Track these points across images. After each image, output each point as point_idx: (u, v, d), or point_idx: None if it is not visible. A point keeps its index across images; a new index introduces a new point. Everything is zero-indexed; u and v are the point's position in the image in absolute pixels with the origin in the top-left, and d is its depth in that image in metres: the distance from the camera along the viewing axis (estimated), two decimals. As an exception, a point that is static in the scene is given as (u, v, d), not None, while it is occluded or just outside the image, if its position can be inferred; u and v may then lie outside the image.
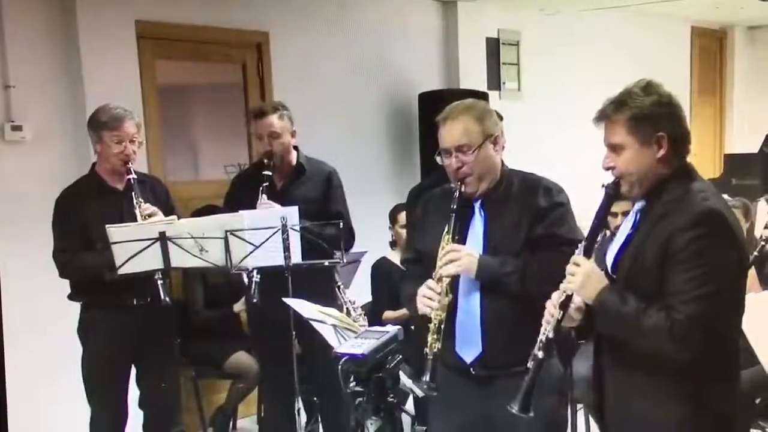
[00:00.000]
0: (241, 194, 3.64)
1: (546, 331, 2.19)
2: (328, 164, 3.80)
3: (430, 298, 2.49)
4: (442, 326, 2.47)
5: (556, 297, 2.18)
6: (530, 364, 2.20)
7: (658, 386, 2.09)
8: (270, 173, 3.54)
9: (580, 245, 2.18)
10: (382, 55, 5.81)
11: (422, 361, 2.49)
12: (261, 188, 3.47)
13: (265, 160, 3.58)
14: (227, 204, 3.74)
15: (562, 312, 2.16)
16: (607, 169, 2.18)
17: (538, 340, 2.20)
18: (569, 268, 2.15)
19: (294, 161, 3.70)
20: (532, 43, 6.81)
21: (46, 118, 4.16)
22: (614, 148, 2.14)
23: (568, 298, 2.16)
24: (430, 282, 2.52)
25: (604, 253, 2.27)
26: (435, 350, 2.46)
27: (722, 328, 2.04)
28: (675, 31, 8.41)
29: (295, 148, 3.73)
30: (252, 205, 3.42)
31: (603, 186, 2.20)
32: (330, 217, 3.52)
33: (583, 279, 2.12)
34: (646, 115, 2.10)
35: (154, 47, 4.61)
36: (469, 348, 2.55)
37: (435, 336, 2.46)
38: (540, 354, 2.19)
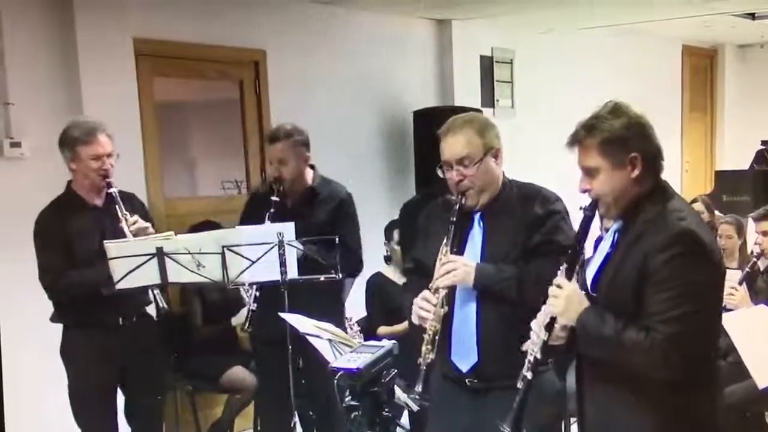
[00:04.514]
0: (253, 213, 3.64)
1: (533, 352, 2.21)
2: (343, 187, 3.75)
3: (426, 310, 2.52)
4: (437, 337, 2.49)
5: (541, 318, 2.21)
6: (520, 385, 2.22)
7: (635, 396, 2.12)
8: (277, 199, 3.54)
9: (562, 267, 2.19)
10: (378, 72, 5.86)
11: (416, 373, 2.52)
12: (267, 214, 3.48)
13: (273, 185, 3.59)
14: (242, 222, 3.73)
15: (548, 333, 2.18)
16: (584, 191, 2.20)
17: (527, 360, 2.22)
18: (551, 290, 2.18)
19: (308, 183, 3.67)
20: (526, 61, 6.88)
21: (44, 135, 4.17)
22: (589, 172, 2.16)
23: (553, 320, 2.18)
24: (426, 293, 2.55)
25: (585, 270, 2.30)
26: (428, 361, 2.48)
27: (701, 346, 2.06)
28: (666, 50, 8.49)
29: (312, 167, 3.71)
30: None
31: (581, 208, 2.23)
32: (335, 241, 3.47)
33: (565, 303, 2.14)
34: (617, 138, 2.11)
35: (152, 65, 4.65)
36: (465, 357, 2.58)
37: (429, 347, 2.49)
38: (529, 375, 2.21)
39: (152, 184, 4.51)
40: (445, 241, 2.56)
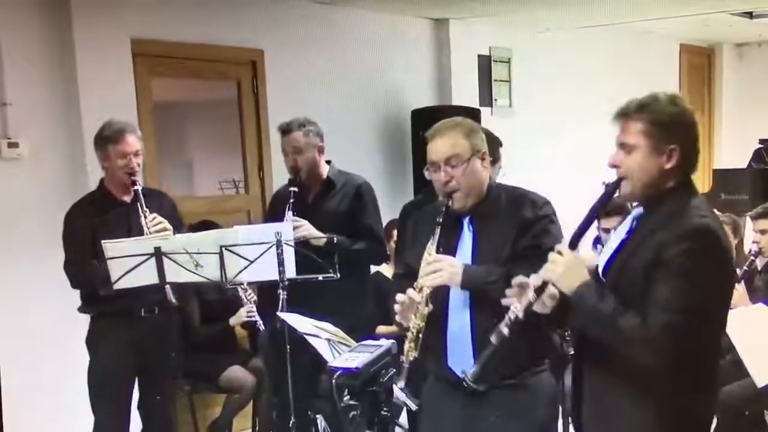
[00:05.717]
0: (276, 211, 3.68)
1: (516, 310, 2.17)
2: (359, 177, 3.81)
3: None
4: (421, 335, 2.49)
5: (534, 279, 2.17)
6: (493, 339, 2.18)
7: (632, 390, 2.11)
8: (296, 189, 3.59)
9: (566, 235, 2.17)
10: (376, 72, 5.86)
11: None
12: (288, 205, 3.51)
13: (291, 176, 3.65)
14: (267, 222, 3.76)
15: (536, 296, 2.15)
16: (612, 166, 2.16)
17: (506, 316, 2.18)
18: (551, 255, 2.15)
19: (324, 175, 3.74)
20: (524, 61, 6.88)
21: (42, 135, 4.19)
22: (625, 147, 2.13)
23: (545, 284, 2.15)
24: (410, 291, 2.54)
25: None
26: (411, 358, 2.47)
27: (697, 343, 2.02)
28: (664, 49, 8.50)
29: (328, 162, 3.78)
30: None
31: (603, 183, 2.20)
32: (359, 231, 3.52)
33: (564, 269, 2.12)
34: (664, 123, 2.09)
35: (149, 65, 4.65)
36: (461, 363, 2.56)
37: (411, 344, 2.48)
38: (505, 331, 2.17)
39: (150, 184, 4.49)
40: (431, 241, 2.56)
